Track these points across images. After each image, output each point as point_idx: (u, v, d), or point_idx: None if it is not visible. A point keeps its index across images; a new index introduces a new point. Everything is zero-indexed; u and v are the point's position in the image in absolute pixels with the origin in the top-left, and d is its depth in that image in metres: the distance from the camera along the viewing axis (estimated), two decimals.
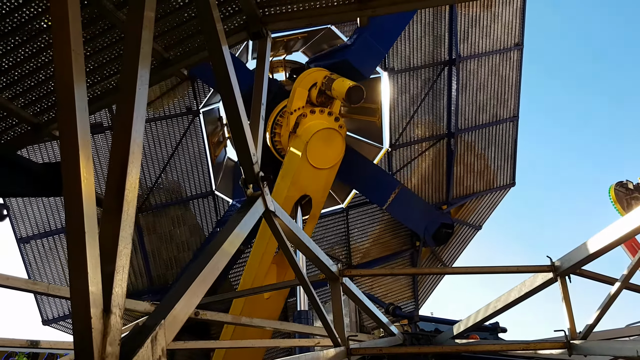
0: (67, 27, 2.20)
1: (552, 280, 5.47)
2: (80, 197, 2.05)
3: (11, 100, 4.63)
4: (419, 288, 15.93)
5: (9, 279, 4.61)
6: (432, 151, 14.46)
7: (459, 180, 14.87)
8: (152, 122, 12.79)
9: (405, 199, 13.78)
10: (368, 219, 15.05)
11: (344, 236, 15.07)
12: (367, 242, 15.21)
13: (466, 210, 15.33)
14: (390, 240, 15.28)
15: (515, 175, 15.40)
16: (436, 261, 15.67)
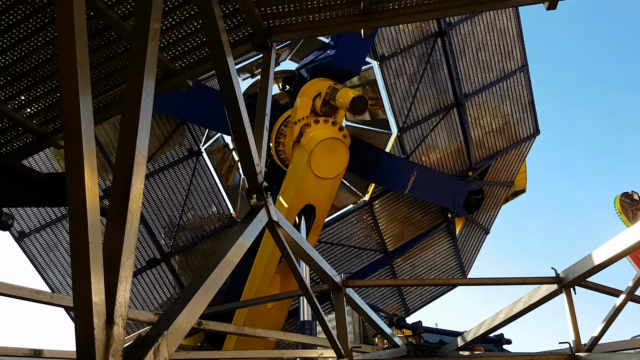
0: (73, 38, 2.23)
1: (556, 292, 5.45)
2: (85, 207, 2.06)
3: (17, 110, 4.66)
4: (462, 254, 15.81)
5: (13, 288, 4.62)
6: (444, 123, 14.18)
7: (478, 144, 14.58)
8: (160, 172, 13.20)
9: (426, 179, 13.74)
10: (393, 205, 14.95)
11: (374, 227, 15.03)
12: (398, 227, 15.12)
13: (494, 170, 15.09)
14: (422, 218, 15.19)
15: (538, 122, 14.97)
16: (474, 227, 15.59)
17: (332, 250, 15.13)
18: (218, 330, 6.31)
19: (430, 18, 4.49)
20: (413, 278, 15.68)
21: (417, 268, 15.67)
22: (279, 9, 4.37)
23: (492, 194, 15.25)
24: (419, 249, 15.47)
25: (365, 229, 15.08)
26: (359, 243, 15.14)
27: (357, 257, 15.25)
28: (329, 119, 11.14)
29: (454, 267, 15.94)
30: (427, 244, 15.46)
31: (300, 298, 9.54)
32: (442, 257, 15.76)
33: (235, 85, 3.68)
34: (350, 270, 15.24)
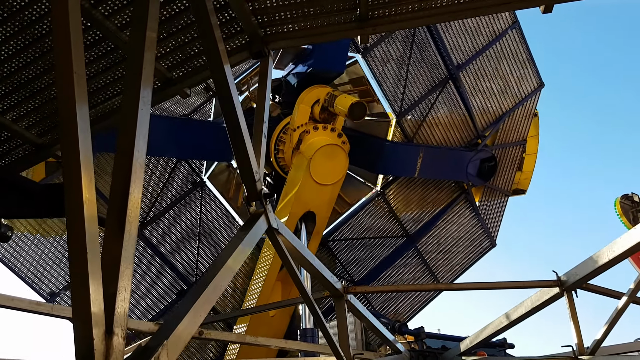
0: (69, 49, 2.23)
1: (558, 295, 5.44)
2: (83, 217, 2.06)
3: (15, 121, 4.66)
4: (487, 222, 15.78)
5: (13, 299, 4.61)
6: (442, 98, 13.99)
7: (481, 110, 14.40)
8: (170, 210, 13.44)
9: (433, 158, 13.70)
10: (406, 189, 14.93)
11: (391, 214, 15.01)
12: (415, 209, 15.13)
13: (503, 133, 14.95)
14: (438, 195, 15.16)
15: (540, 75, 14.70)
16: (495, 193, 15.52)
17: (355, 246, 15.13)
18: (220, 339, 6.30)
19: (426, 23, 4.52)
20: (440, 254, 15.67)
21: (442, 244, 15.66)
22: (275, 17, 4.38)
23: (506, 155, 15.10)
24: (441, 226, 15.44)
25: (383, 218, 15.05)
26: (380, 233, 15.13)
27: (379, 247, 15.25)
28: (328, 125, 11.16)
29: (480, 235, 15.89)
30: (449, 219, 15.41)
31: (301, 306, 9.52)
32: (466, 229, 15.74)
33: (233, 93, 3.69)
34: (375, 261, 15.26)
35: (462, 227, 15.69)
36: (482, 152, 14.28)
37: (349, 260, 15.29)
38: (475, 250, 16.16)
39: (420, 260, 15.59)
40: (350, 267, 15.32)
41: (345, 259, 15.24)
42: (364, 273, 15.35)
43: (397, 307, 16.01)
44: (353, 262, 15.30)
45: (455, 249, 15.90)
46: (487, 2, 4.31)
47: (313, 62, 12.11)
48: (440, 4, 4.32)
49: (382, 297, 15.74)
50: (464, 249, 16.00)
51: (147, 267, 13.42)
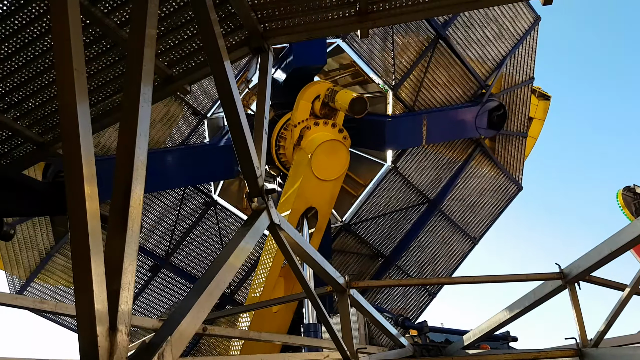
0: (68, 46, 2.23)
1: (561, 287, 5.43)
2: (85, 215, 2.06)
3: (16, 120, 4.67)
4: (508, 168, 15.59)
5: (17, 298, 4.62)
6: (436, 59, 13.69)
7: (480, 60, 14.14)
8: (190, 233, 13.81)
9: (438, 121, 13.57)
10: (418, 157, 14.82)
11: (407, 185, 14.98)
12: (431, 174, 15.07)
13: (508, 77, 14.66)
14: (452, 155, 15.05)
15: (534, 9, 14.29)
16: (511, 137, 15.32)
17: (378, 223, 15.16)
18: (224, 335, 6.31)
19: (427, 16, 4.49)
20: (466, 211, 15.65)
21: (466, 201, 15.58)
22: (274, 12, 4.37)
23: (516, 97, 14.88)
24: (461, 184, 15.35)
25: (400, 190, 15.02)
26: (400, 205, 15.14)
27: (403, 219, 15.27)
28: (329, 121, 11.14)
29: (505, 182, 15.77)
30: (468, 175, 15.32)
31: (305, 301, 9.53)
32: (488, 180, 15.63)
33: (233, 89, 3.68)
34: (402, 233, 15.30)
35: (483, 180, 15.54)
36: (489, 102, 14.02)
37: (376, 238, 15.27)
38: (502, 198, 15.99)
39: (447, 221, 15.56)
40: (378, 244, 15.31)
41: (372, 238, 15.22)
42: (392, 247, 15.36)
43: None
44: (380, 239, 15.29)
45: (481, 202, 15.77)
46: None
47: (293, 61, 12.09)
48: None
49: None
50: (490, 200, 15.86)
51: (182, 294, 13.89)
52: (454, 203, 15.49)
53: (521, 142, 15.48)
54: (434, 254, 15.82)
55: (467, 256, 16.23)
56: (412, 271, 15.69)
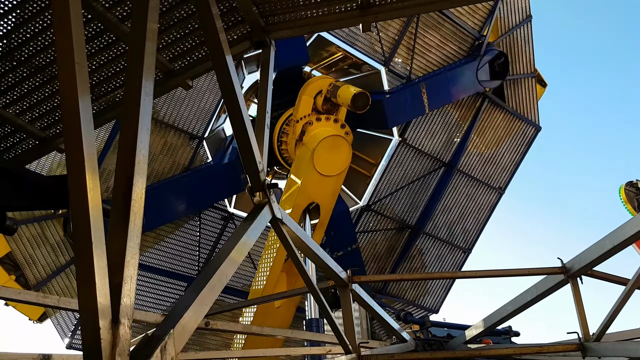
0: (70, 41, 2.23)
1: (563, 281, 5.44)
2: (87, 208, 2.07)
3: (18, 115, 4.67)
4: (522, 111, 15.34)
5: (20, 293, 4.65)
6: (423, 24, 13.49)
7: (469, 11, 13.73)
8: (215, 250, 13.86)
9: (438, 85, 13.41)
10: (425, 124, 14.73)
11: (420, 154, 14.96)
12: (442, 136, 14.93)
13: (503, 20, 14.33)
14: (460, 114, 14.90)
15: None
16: (519, 80, 14.99)
17: (398, 197, 15.17)
18: (227, 330, 6.33)
19: (429, 10, 4.47)
20: (485, 164, 15.53)
21: (484, 154, 15.49)
22: (276, 6, 4.36)
23: (516, 40, 14.59)
24: (476, 139, 15.22)
25: (414, 161, 15.03)
26: (416, 175, 15.15)
27: (422, 186, 15.29)
28: (331, 116, 11.15)
29: (522, 127, 15.55)
30: (481, 130, 15.17)
31: (307, 296, 9.56)
32: (503, 128, 15.44)
33: (235, 84, 3.68)
34: (423, 200, 15.33)
35: (498, 130, 15.35)
36: (487, 53, 13.74)
37: (399, 211, 15.33)
38: (521, 143, 15.80)
39: (468, 179, 15.52)
40: (402, 217, 15.36)
41: (395, 212, 15.28)
42: (417, 216, 15.41)
43: None
44: (403, 211, 15.34)
45: (500, 152, 15.62)
46: None
47: (277, 65, 12.12)
48: None
49: None
50: (509, 147, 15.68)
51: None
52: (472, 160, 15.34)
53: (530, 82, 15.06)
54: (461, 213, 15.75)
55: (495, 207, 16.11)
56: (442, 233, 15.67)
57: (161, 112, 13.02)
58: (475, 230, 16.07)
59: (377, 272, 15.34)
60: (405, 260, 15.27)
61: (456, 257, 16.12)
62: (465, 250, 16.10)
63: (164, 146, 13.22)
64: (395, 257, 15.39)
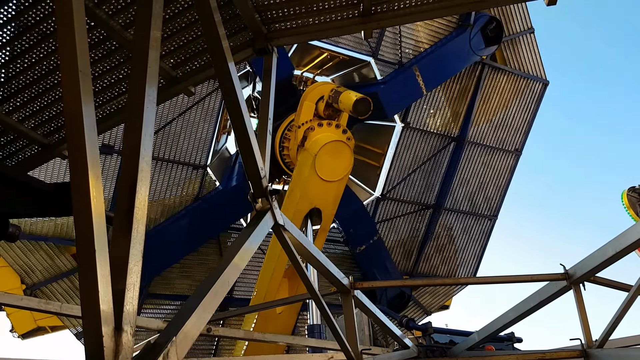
0: (74, 48, 2.24)
1: (566, 288, 5.42)
2: (90, 216, 2.08)
3: (21, 122, 4.68)
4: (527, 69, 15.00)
5: (22, 299, 4.65)
6: None
7: None
8: None
9: (431, 63, 13.24)
10: (426, 105, 14.60)
11: (426, 134, 14.84)
12: (446, 113, 14.77)
13: None
14: (461, 85, 14.60)
15: None
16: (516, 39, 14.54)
17: (412, 181, 15.13)
18: (228, 337, 6.32)
19: (431, 17, 4.49)
20: (496, 129, 15.26)
21: (493, 121, 15.14)
22: (278, 14, 4.39)
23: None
24: (481, 107, 14.93)
25: (421, 142, 14.92)
26: (427, 155, 15.05)
27: (435, 165, 15.16)
28: (333, 121, 11.15)
29: (529, 84, 15.05)
30: (485, 97, 14.87)
31: (309, 302, 9.54)
32: (509, 90, 15.06)
33: (237, 91, 3.70)
34: (439, 178, 15.20)
35: (504, 93, 14.99)
36: (478, 21, 13.30)
37: (416, 194, 15.29)
38: (530, 101, 15.34)
39: (481, 148, 15.31)
40: (420, 199, 15.32)
41: (412, 196, 15.23)
42: (435, 194, 15.33)
43: None
44: (420, 193, 15.31)
45: (510, 115, 15.31)
46: None
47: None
48: None
49: None
50: (519, 108, 15.32)
51: None
52: (481, 128, 15.15)
53: (530, 38, 14.66)
54: (480, 182, 15.58)
55: (515, 169, 15.82)
56: (464, 206, 15.59)
57: (161, 150, 13.21)
58: (497, 195, 15.78)
59: (404, 257, 15.23)
60: (431, 239, 15.13)
61: (483, 226, 15.95)
62: (490, 217, 15.83)
63: (170, 182, 13.48)
64: (420, 239, 15.28)
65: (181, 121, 13.16)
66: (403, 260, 15.43)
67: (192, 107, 13.07)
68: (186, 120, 13.23)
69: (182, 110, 13.01)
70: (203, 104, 13.18)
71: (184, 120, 13.20)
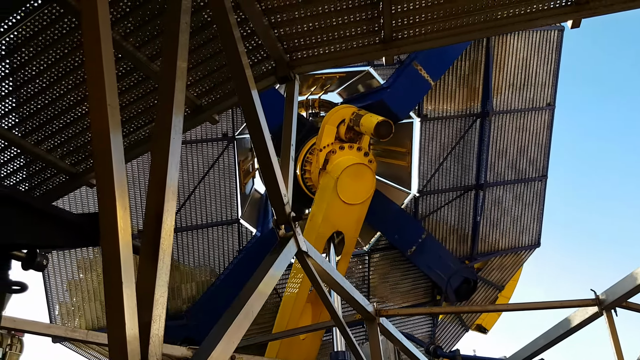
0: (102, 81, 2.29)
1: (597, 314, 5.28)
2: (117, 246, 2.09)
3: (49, 152, 4.79)
4: None
5: (50, 327, 4.69)
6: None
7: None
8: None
9: (431, 54, 12.97)
10: (438, 91, 14.15)
11: (447, 120, 14.39)
12: (462, 92, 14.28)
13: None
14: (469, 62, 14.13)
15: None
16: None
17: (445, 169, 14.73)
18: None
19: (451, 43, 4.50)
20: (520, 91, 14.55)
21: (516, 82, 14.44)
22: (300, 42, 4.45)
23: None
24: (499, 74, 14.27)
25: (445, 128, 14.47)
26: (454, 140, 14.53)
27: (465, 146, 14.60)
28: (354, 144, 11.16)
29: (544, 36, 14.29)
30: (500, 63, 14.30)
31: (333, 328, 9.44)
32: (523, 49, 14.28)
33: (260, 118, 3.74)
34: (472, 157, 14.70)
35: (518, 53, 14.14)
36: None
37: (453, 180, 14.76)
38: (550, 52, 14.48)
39: (509, 115, 14.57)
40: (459, 183, 14.86)
41: (449, 183, 14.78)
42: (473, 174, 14.81)
43: None
44: (457, 178, 14.77)
45: (531, 72, 14.43)
46: (512, 19, 4.30)
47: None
48: (463, 23, 4.32)
49: None
50: (539, 62, 14.45)
51: None
52: (505, 95, 14.51)
53: None
54: (519, 147, 14.96)
55: (553, 123, 15.08)
56: (508, 176, 15.02)
57: (192, 219, 13.50)
58: (541, 154, 15.13)
59: (460, 242, 14.92)
60: (483, 218, 14.75)
61: (535, 188, 15.32)
62: (540, 178, 15.16)
63: (209, 244, 13.68)
64: (471, 221, 14.87)
65: (202, 187, 13.52)
66: (459, 247, 15.03)
67: (208, 172, 13.46)
68: (207, 185, 13.59)
69: (200, 177, 13.41)
70: (218, 165, 13.57)
71: (205, 185, 13.56)
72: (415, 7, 4.23)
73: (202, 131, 13.17)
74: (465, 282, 13.72)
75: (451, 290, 13.62)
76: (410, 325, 15.29)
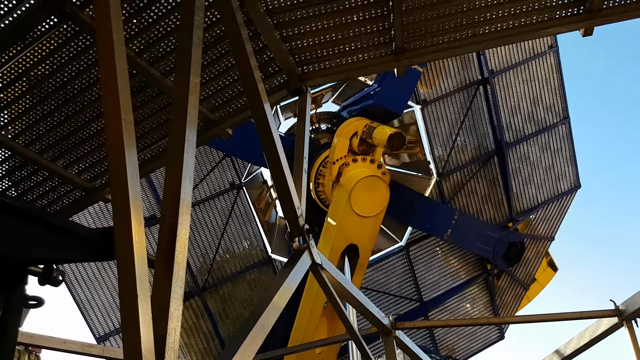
0: (117, 98, 2.33)
1: (617, 325, 5.18)
2: (133, 260, 2.11)
3: (65, 168, 4.85)
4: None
5: (65, 342, 4.71)
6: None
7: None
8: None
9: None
10: (432, 71, 13.72)
11: (447, 97, 13.97)
12: (456, 65, 13.78)
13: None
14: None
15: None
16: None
17: (460, 144, 14.35)
18: None
19: (463, 52, 4.51)
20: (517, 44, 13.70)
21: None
22: (312, 55, 4.48)
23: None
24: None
25: (447, 107, 14.08)
26: (462, 113, 14.12)
27: (475, 116, 14.20)
28: (367, 157, 11.15)
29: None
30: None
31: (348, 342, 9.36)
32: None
33: (273, 132, 3.76)
34: (485, 123, 14.27)
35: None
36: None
37: (471, 152, 14.39)
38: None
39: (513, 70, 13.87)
40: (478, 153, 14.42)
41: (468, 157, 14.36)
42: (490, 140, 14.32)
43: None
44: (475, 148, 14.37)
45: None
46: (524, 28, 4.29)
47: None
48: (474, 33, 4.32)
49: None
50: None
51: None
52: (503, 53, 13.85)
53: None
54: (532, 99, 14.32)
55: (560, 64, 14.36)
56: (527, 130, 14.50)
57: (226, 269, 13.98)
58: (557, 98, 14.50)
59: (496, 209, 14.53)
60: (512, 179, 14.34)
61: (559, 134, 14.80)
62: (563, 121, 14.63)
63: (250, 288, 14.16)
64: (501, 185, 14.43)
65: (226, 238, 13.89)
66: (496, 214, 14.70)
67: (227, 224, 13.79)
68: (231, 235, 13.97)
69: (221, 230, 13.76)
70: (234, 214, 13.87)
71: (229, 236, 13.93)
72: (426, 18, 4.24)
73: (211, 187, 13.60)
74: (512, 246, 13.30)
75: (500, 259, 13.27)
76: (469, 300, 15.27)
